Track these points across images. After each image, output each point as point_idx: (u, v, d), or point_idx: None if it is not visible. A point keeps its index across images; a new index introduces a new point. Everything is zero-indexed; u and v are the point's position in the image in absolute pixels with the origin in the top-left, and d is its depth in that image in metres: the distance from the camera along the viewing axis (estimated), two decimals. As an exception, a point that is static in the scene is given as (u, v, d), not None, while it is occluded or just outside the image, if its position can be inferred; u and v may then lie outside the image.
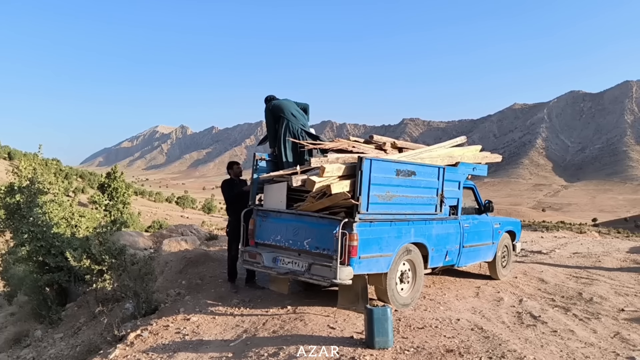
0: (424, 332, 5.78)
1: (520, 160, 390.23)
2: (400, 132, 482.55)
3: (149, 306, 7.20)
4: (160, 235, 12.53)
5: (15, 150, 77.58)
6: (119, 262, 7.27)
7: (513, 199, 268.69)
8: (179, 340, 6.06)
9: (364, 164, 5.86)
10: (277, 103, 7.44)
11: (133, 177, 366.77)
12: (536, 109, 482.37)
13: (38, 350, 7.85)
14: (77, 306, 9.08)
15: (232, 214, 7.66)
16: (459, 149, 8.13)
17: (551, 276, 9.21)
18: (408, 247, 6.71)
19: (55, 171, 9.47)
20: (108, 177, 15.55)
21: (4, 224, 8.72)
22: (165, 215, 60.69)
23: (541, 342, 5.67)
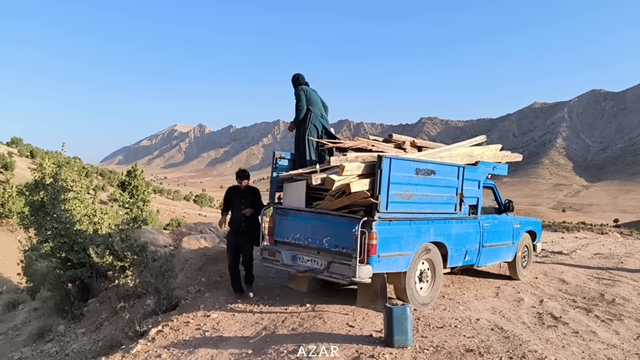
0: (443, 331, 5.77)
1: (540, 160, 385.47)
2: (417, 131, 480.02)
3: (169, 302, 7.29)
4: (179, 233, 12.65)
5: (37, 149, 78.90)
6: (141, 258, 7.38)
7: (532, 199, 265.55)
8: (199, 336, 6.13)
9: (383, 163, 5.86)
10: (312, 94, 7.49)
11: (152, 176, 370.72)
12: (556, 108, 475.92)
13: (61, 344, 8.00)
14: (99, 302, 9.23)
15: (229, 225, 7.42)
16: (478, 148, 8.08)
17: (572, 277, 9.10)
18: (427, 247, 6.69)
19: (77, 169, 9.62)
20: (129, 175, 15.75)
21: (29, 220, 8.90)
22: (183, 213, 61.14)
23: (562, 343, 5.61)
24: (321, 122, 7.41)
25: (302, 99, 7.39)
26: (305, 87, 7.57)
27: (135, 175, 15.68)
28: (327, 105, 7.81)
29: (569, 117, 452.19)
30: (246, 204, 7.21)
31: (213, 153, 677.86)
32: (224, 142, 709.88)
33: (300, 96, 7.41)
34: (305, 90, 7.45)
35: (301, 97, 7.40)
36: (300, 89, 7.45)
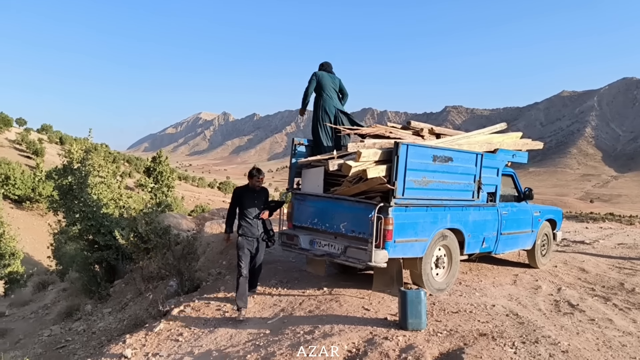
0: (457, 316, 5.84)
1: (567, 149, 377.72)
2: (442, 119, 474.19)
3: (191, 284, 7.52)
4: (202, 218, 12.91)
5: (66, 136, 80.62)
6: (164, 241, 7.60)
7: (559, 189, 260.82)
8: (219, 317, 6.34)
9: (400, 149, 5.91)
10: (326, 78, 7.60)
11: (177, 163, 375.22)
12: (586, 96, 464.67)
13: (88, 323, 8.32)
14: (124, 283, 9.54)
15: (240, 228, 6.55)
16: (498, 135, 8.05)
17: (593, 266, 9.04)
18: (444, 233, 6.74)
19: (104, 155, 9.91)
20: (154, 161, 16.07)
21: (58, 204, 9.22)
22: (207, 200, 61.88)
23: (577, 330, 5.64)
24: (334, 105, 7.52)
25: (311, 85, 7.58)
26: (320, 72, 7.67)
27: (160, 161, 15.99)
28: (346, 92, 7.89)
29: (598, 105, 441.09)
30: (260, 205, 6.53)
31: (237, 141, 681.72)
32: (248, 130, 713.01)
33: (310, 81, 7.58)
34: (317, 76, 7.57)
35: (310, 82, 7.58)
36: (313, 74, 7.58)
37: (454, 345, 4.88)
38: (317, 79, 7.60)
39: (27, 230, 31.78)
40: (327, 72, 7.68)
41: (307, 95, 7.63)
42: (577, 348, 4.94)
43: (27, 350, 7.61)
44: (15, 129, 71.81)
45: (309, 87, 7.60)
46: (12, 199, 36.65)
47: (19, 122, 77.66)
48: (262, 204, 6.59)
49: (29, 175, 39.11)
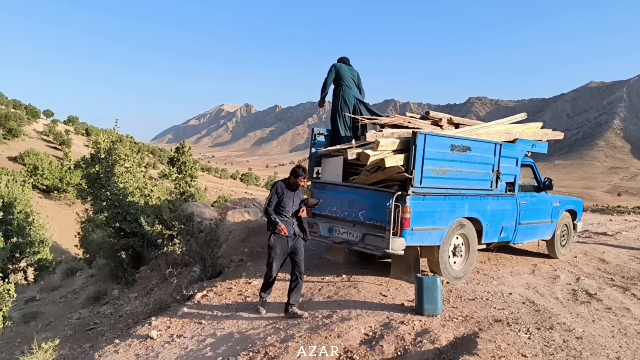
0: (474, 303, 5.93)
1: (595, 141, 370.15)
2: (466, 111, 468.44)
3: (214, 270, 7.74)
4: (224, 208, 13.17)
5: (92, 127, 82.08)
6: (187, 228, 7.83)
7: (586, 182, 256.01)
8: (241, 301, 6.54)
9: (418, 139, 6.00)
10: (344, 69, 7.73)
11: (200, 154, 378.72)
12: (614, 87, 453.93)
13: (115, 307, 8.62)
14: (149, 269, 9.83)
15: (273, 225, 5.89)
16: (518, 125, 8.06)
17: (613, 257, 8.99)
18: (461, 222, 6.82)
19: (129, 145, 10.20)
20: (177, 151, 16.41)
21: (86, 192, 9.54)
22: (230, 191, 62.49)
23: (593, 318, 5.68)
24: (353, 95, 7.63)
25: (329, 76, 7.72)
26: (338, 64, 7.79)
27: (184, 151, 16.30)
28: (362, 88, 7.99)
29: (627, 97, 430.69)
30: (297, 203, 6.10)
31: (259, 132, 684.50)
32: (270, 122, 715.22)
33: (329, 72, 7.72)
34: (336, 67, 7.70)
35: (329, 73, 7.72)
36: (332, 66, 7.71)
37: (469, 330, 4.98)
38: (336, 70, 7.72)
39: (55, 219, 32.58)
40: (346, 65, 7.80)
41: (326, 86, 7.76)
42: (592, 335, 5.00)
43: (57, 332, 7.94)
44: (43, 121, 73.33)
45: (328, 78, 7.73)
46: (40, 189, 37.58)
47: (46, 113, 79.27)
48: (300, 202, 6.13)
49: (57, 165, 40.01)
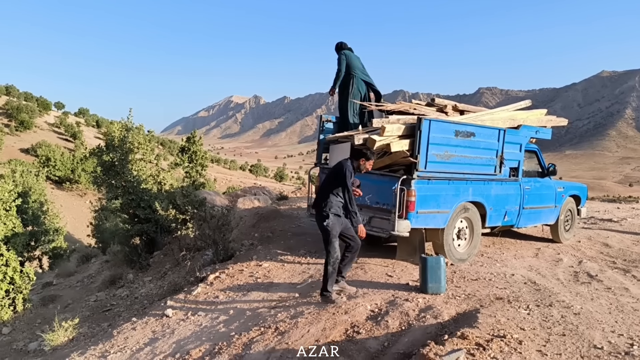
0: (477, 283, 6.14)
1: (606, 131, 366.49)
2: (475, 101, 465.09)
3: (225, 253, 8.00)
4: (235, 195, 13.45)
5: (102, 119, 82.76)
6: (200, 212, 8.08)
7: (597, 172, 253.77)
8: (252, 282, 6.79)
9: (423, 125, 6.19)
10: (354, 58, 7.86)
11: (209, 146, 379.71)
12: (627, 76, 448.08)
13: (131, 289, 8.92)
14: (163, 254, 10.12)
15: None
16: (522, 112, 8.22)
17: (617, 241, 9.14)
18: (466, 206, 7.01)
19: (142, 134, 10.46)
20: (188, 141, 16.70)
21: (101, 179, 9.83)
22: (239, 182, 62.92)
23: (592, 296, 5.86)
24: (364, 85, 7.80)
25: (342, 64, 7.80)
26: (347, 52, 7.94)
27: (194, 141, 16.58)
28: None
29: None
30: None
31: (268, 124, 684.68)
32: (279, 113, 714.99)
33: (341, 60, 7.80)
34: (346, 55, 7.83)
35: (341, 62, 7.80)
36: (341, 54, 7.83)
37: (471, 306, 5.20)
38: (347, 59, 7.86)
39: (68, 210, 33.10)
40: (350, 51, 7.96)
41: (340, 75, 7.85)
42: (589, 311, 5.20)
43: (76, 313, 8.24)
44: (54, 113, 74.06)
45: (341, 66, 7.84)
46: (52, 180, 38.13)
47: (57, 105, 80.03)
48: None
49: (68, 157, 40.54)
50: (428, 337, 4.48)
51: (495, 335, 4.30)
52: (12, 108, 56.30)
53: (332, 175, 5.65)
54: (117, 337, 5.89)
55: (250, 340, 4.91)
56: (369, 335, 4.73)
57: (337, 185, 5.56)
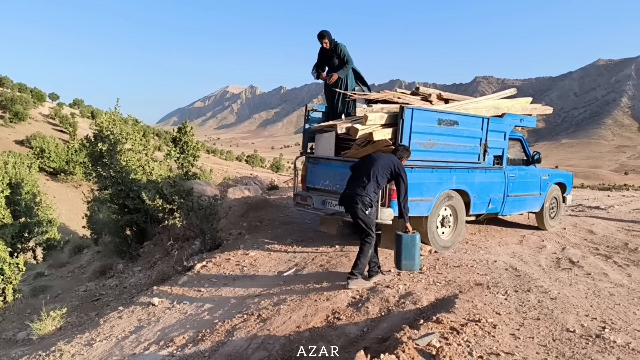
0: (459, 270, 6.23)
1: (602, 120, 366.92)
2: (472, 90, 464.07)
3: (213, 243, 8.07)
4: (226, 185, 13.50)
5: (97, 110, 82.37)
6: (187, 202, 8.13)
7: (593, 161, 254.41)
8: (238, 271, 6.87)
9: (405, 113, 6.24)
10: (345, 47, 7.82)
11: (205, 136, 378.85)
12: (623, 65, 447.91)
13: (120, 279, 8.99)
14: (153, 244, 10.19)
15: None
16: (506, 100, 8.26)
17: (601, 228, 9.25)
18: (449, 194, 7.07)
19: (131, 124, 10.47)
20: (179, 131, 16.69)
21: (90, 169, 9.86)
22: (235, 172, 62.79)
23: (571, 282, 5.96)
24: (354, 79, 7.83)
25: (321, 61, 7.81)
26: (341, 43, 7.92)
27: (186, 131, 16.59)
28: None
29: (636, 74, 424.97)
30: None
31: (264, 114, 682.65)
32: (275, 104, 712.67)
33: (347, 51, 7.74)
34: (332, 48, 7.82)
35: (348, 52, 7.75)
36: (340, 43, 7.74)
37: (450, 292, 5.29)
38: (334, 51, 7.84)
39: (62, 201, 33.06)
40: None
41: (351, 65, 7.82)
42: (566, 296, 5.29)
43: (65, 303, 8.31)
44: (49, 104, 73.67)
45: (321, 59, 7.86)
46: (47, 172, 38.04)
47: (52, 97, 79.59)
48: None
49: (63, 148, 40.42)
50: (406, 322, 4.56)
51: (470, 319, 4.38)
52: (6, 99, 55.97)
53: (379, 168, 5.70)
54: (103, 325, 5.96)
55: (233, 327, 4.99)
56: (349, 321, 4.81)
57: (386, 179, 5.78)
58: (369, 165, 5.75)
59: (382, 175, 5.72)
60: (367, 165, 5.78)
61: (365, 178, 5.70)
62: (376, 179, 5.69)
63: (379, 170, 5.70)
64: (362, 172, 5.77)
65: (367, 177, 5.69)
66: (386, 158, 5.80)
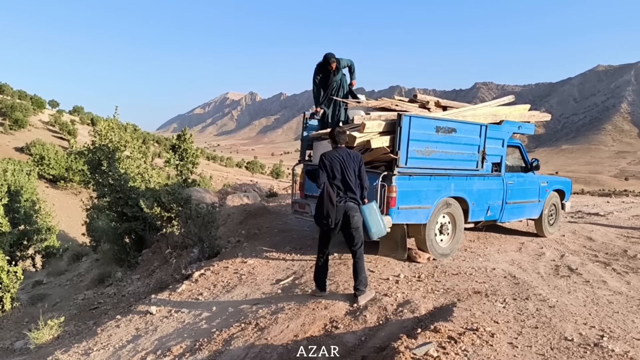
0: (457, 277, 6.21)
1: (602, 125, 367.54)
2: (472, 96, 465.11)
3: (211, 250, 8.05)
4: (225, 193, 13.50)
5: (98, 117, 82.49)
6: (185, 210, 8.13)
7: (593, 166, 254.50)
8: (236, 279, 6.84)
9: (403, 121, 6.24)
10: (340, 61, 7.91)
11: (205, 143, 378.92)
12: (622, 70, 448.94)
13: (119, 287, 8.97)
14: (151, 252, 10.17)
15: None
16: (504, 107, 8.27)
17: (600, 235, 9.24)
18: (448, 201, 7.07)
19: (130, 132, 10.48)
20: (178, 138, 16.73)
21: (88, 177, 9.86)
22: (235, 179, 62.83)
23: (569, 289, 5.94)
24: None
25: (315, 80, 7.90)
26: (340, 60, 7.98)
27: (185, 139, 16.62)
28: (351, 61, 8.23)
29: (635, 80, 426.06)
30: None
31: (264, 121, 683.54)
32: (275, 110, 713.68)
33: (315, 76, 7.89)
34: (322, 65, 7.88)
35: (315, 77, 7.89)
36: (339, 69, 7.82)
37: (448, 300, 5.27)
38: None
39: (62, 208, 33.08)
40: None
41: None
42: (565, 304, 5.27)
43: (63, 311, 8.29)
44: (49, 111, 73.80)
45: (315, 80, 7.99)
46: (47, 179, 38.06)
47: (52, 104, 79.75)
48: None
49: (63, 155, 40.45)
50: (404, 331, 4.54)
51: (468, 328, 4.37)
52: (6, 107, 56.10)
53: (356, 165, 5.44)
54: (100, 334, 5.94)
55: (230, 336, 4.97)
56: (347, 330, 4.80)
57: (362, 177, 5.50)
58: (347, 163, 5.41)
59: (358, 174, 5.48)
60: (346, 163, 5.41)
61: (354, 178, 5.43)
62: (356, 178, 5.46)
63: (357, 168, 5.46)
64: (352, 173, 5.43)
65: (354, 178, 5.43)
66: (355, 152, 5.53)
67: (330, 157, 5.41)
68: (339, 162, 5.37)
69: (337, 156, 5.41)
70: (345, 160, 5.38)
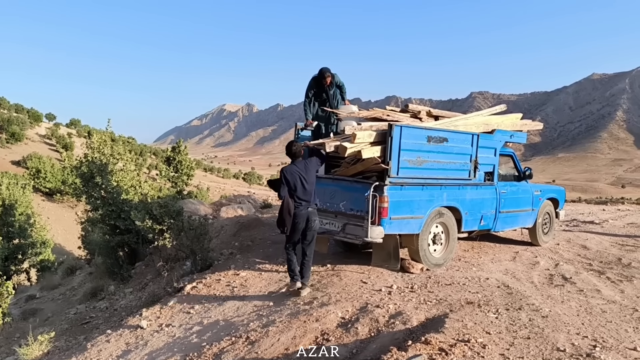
0: (450, 288, 6.17)
1: (598, 133, 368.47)
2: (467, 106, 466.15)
3: (204, 263, 8.00)
4: (220, 204, 13.45)
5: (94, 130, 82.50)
6: (177, 222, 8.08)
7: (590, 174, 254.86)
8: (228, 292, 6.78)
9: (394, 131, 6.23)
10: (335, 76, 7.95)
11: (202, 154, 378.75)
12: (617, 78, 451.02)
13: (111, 301, 8.90)
14: (144, 265, 10.10)
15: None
16: (496, 117, 8.28)
17: (595, 244, 9.21)
18: (440, 211, 7.04)
19: (123, 144, 10.45)
20: (173, 150, 16.70)
21: (80, 190, 9.81)
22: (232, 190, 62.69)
23: (563, 299, 5.90)
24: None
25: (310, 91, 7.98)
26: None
27: (180, 150, 16.59)
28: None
29: (630, 88, 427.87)
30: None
31: (261, 132, 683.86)
32: (272, 121, 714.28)
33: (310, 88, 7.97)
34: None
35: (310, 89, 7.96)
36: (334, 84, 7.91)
37: (440, 311, 5.22)
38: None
39: (58, 221, 32.95)
40: None
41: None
42: (558, 314, 5.23)
43: (54, 327, 8.20)
44: (45, 124, 73.76)
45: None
46: (43, 192, 37.97)
47: (49, 117, 79.72)
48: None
49: (59, 168, 40.39)
50: (395, 343, 4.49)
51: (459, 339, 4.32)
52: (3, 120, 56.10)
53: (314, 171, 6.24)
54: (90, 350, 5.88)
55: (220, 351, 4.92)
56: (338, 343, 4.74)
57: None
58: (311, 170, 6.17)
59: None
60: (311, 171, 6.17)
61: (310, 189, 6.09)
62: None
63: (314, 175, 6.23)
64: (314, 179, 6.17)
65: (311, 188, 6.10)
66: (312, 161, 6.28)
67: (291, 172, 6.03)
68: (299, 175, 6.00)
69: (297, 170, 6.04)
70: (303, 172, 6.04)
